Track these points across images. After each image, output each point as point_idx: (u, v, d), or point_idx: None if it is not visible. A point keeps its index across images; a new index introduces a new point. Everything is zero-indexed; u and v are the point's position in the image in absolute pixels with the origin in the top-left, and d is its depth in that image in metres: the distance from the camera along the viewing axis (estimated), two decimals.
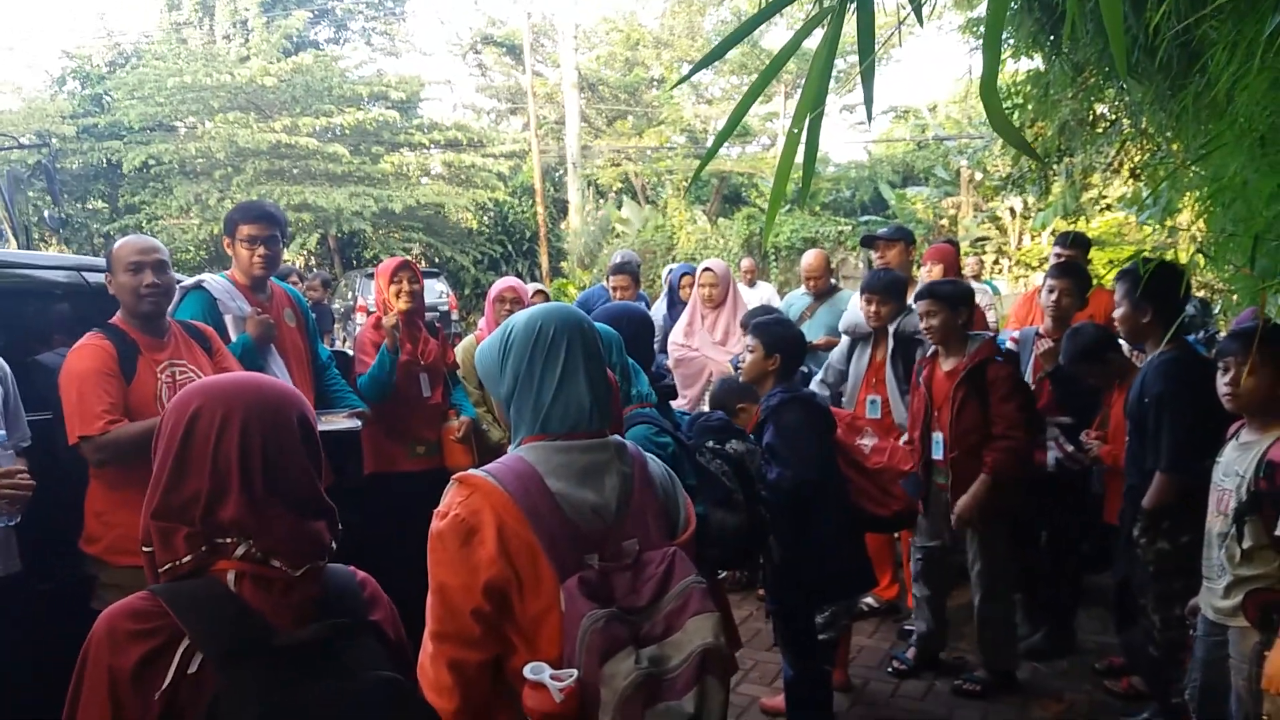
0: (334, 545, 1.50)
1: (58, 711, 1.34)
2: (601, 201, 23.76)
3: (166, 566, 1.37)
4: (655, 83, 26.16)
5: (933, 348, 4.10)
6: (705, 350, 5.37)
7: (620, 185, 25.46)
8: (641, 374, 2.82)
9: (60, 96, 21.68)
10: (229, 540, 1.37)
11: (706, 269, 5.56)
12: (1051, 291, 4.29)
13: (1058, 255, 4.99)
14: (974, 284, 7.12)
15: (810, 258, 5.71)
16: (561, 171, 24.20)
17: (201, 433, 1.40)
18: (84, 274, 3.73)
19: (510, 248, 22.77)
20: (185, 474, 1.39)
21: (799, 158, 1.11)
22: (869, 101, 0.96)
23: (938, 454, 3.97)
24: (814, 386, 4.84)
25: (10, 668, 2.78)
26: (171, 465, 1.40)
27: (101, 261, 3.78)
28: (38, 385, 3.12)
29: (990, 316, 6.08)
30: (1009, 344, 4.55)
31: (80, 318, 3.42)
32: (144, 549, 1.40)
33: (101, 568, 2.96)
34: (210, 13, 23.54)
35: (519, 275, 19.74)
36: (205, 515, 1.38)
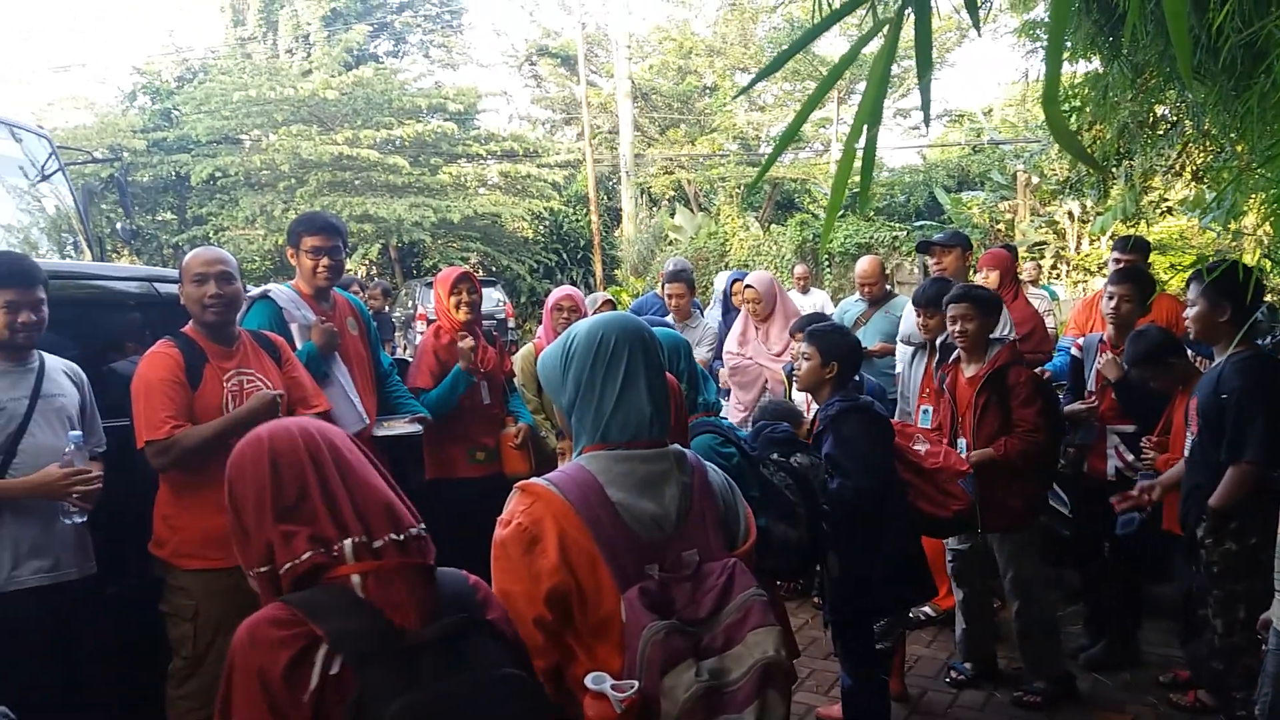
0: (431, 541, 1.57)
1: (130, 709, 1.40)
2: (654, 209, 23.82)
3: (286, 566, 1.43)
4: (708, 90, 26.15)
5: (956, 354, 4.07)
6: (759, 359, 5.34)
7: (673, 193, 25.49)
8: (711, 382, 2.84)
9: (131, 111, 22.36)
10: (337, 546, 1.45)
11: (749, 286, 5.48)
12: (1112, 298, 4.20)
13: (1117, 260, 4.89)
14: (1031, 289, 7.02)
15: (865, 264, 5.67)
16: (615, 180, 24.32)
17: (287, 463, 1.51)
18: (155, 285, 3.85)
19: (565, 256, 22.92)
20: (284, 492, 1.49)
21: (855, 164, 1.12)
22: (926, 108, 0.97)
23: None
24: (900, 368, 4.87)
25: (85, 666, 2.88)
26: (271, 492, 1.49)
27: (172, 273, 3.91)
28: (112, 393, 3.22)
29: (1049, 322, 5.97)
30: (1073, 351, 4.47)
31: (151, 327, 3.54)
32: (260, 570, 1.46)
33: (169, 570, 3.05)
34: (274, 27, 24.14)
35: (573, 283, 19.90)
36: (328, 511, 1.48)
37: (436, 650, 1.41)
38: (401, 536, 1.50)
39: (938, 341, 4.48)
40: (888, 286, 5.81)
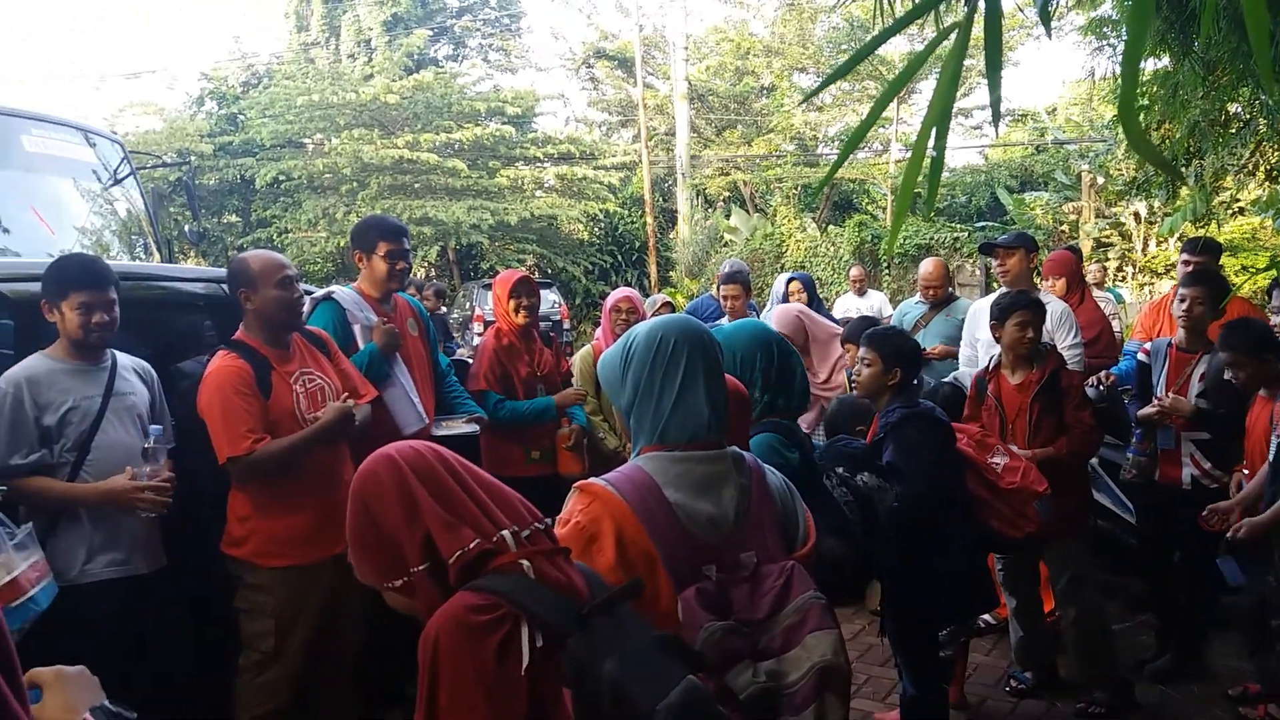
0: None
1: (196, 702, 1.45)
2: (710, 211, 23.79)
3: (456, 554, 1.49)
4: (765, 91, 26.03)
5: (995, 360, 4.02)
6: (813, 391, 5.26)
7: (728, 194, 25.42)
8: (794, 384, 2.78)
9: (199, 116, 22.92)
10: (495, 537, 1.52)
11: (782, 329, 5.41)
12: (1184, 301, 4.09)
13: (1186, 262, 4.77)
14: (1097, 292, 6.88)
15: (928, 266, 5.60)
16: (670, 182, 24.33)
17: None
18: (223, 285, 3.94)
19: (620, 258, 22.98)
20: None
21: (923, 165, 1.11)
22: (996, 108, 0.96)
23: None
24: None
25: (153, 658, 2.95)
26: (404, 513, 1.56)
27: None
28: (182, 390, 3.30)
29: (1115, 325, 5.85)
30: (1140, 356, 4.38)
31: (219, 327, 3.62)
32: (418, 568, 1.53)
33: (248, 569, 3.11)
34: (336, 33, 24.59)
35: (628, 285, 19.92)
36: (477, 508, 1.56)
37: (607, 619, 1.49)
38: (542, 526, 1.57)
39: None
40: (949, 289, 5.72)
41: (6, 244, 6.05)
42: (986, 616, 4.72)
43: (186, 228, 8.76)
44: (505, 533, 1.52)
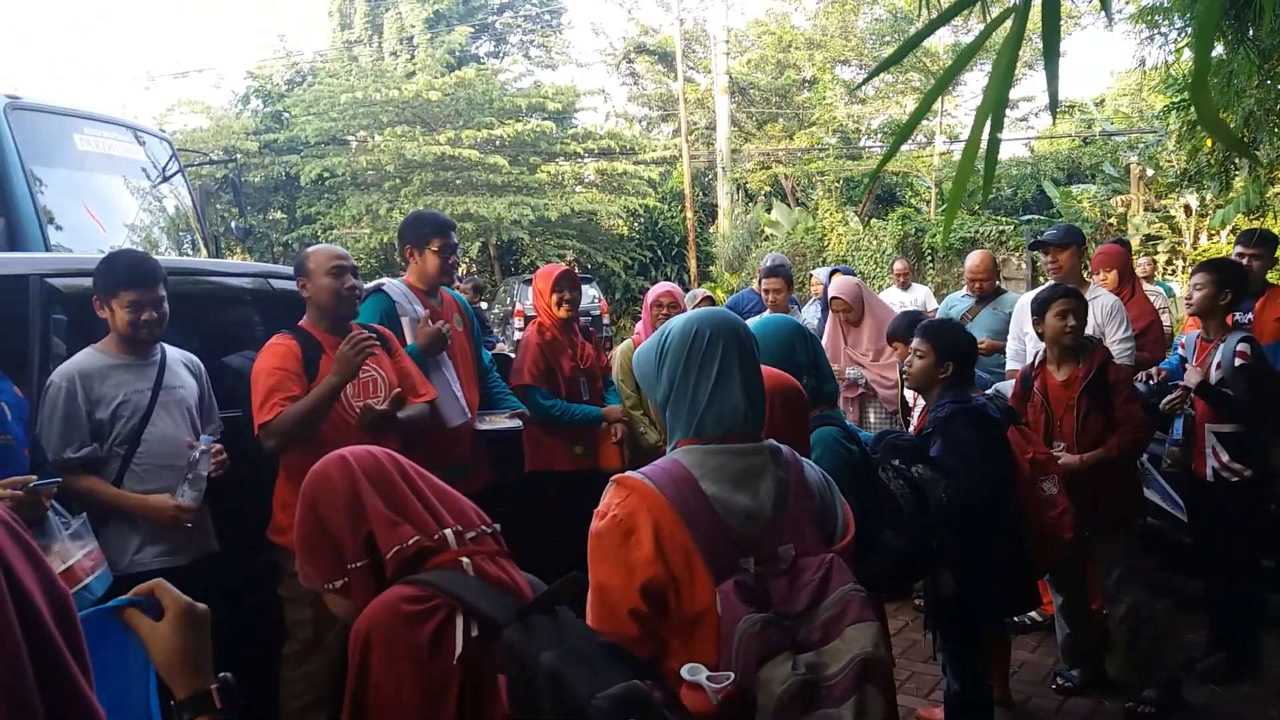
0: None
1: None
2: (750, 205, 23.67)
3: (394, 550, 1.52)
4: (807, 84, 25.86)
5: (1040, 356, 3.96)
6: (870, 370, 5.22)
7: (769, 188, 25.29)
8: (830, 370, 2.78)
9: (244, 114, 23.28)
10: (437, 535, 1.54)
11: (835, 297, 5.35)
12: (1191, 290, 4.08)
13: (1240, 255, 4.67)
14: (1148, 285, 6.75)
15: (975, 259, 5.53)
16: (711, 176, 24.24)
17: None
18: (269, 280, 4.00)
19: (659, 252, 22.98)
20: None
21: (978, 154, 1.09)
22: (1054, 97, 0.94)
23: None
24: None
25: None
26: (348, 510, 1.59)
27: (284, 269, 4.04)
28: (227, 384, 3.36)
29: (1165, 320, 5.74)
30: (1179, 350, 4.32)
31: (265, 321, 3.67)
32: (355, 565, 1.54)
33: (290, 557, 3.14)
34: (379, 31, 24.81)
35: (667, 279, 19.90)
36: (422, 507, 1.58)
37: (547, 619, 1.50)
38: (489, 530, 1.57)
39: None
40: (996, 282, 5.65)
41: (59, 240, 6.19)
42: (1033, 613, 4.66)
43: (233, 224, 8.92)
44: (448, 531, 1.55)
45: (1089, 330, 4.10)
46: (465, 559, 1.53)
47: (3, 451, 2.68)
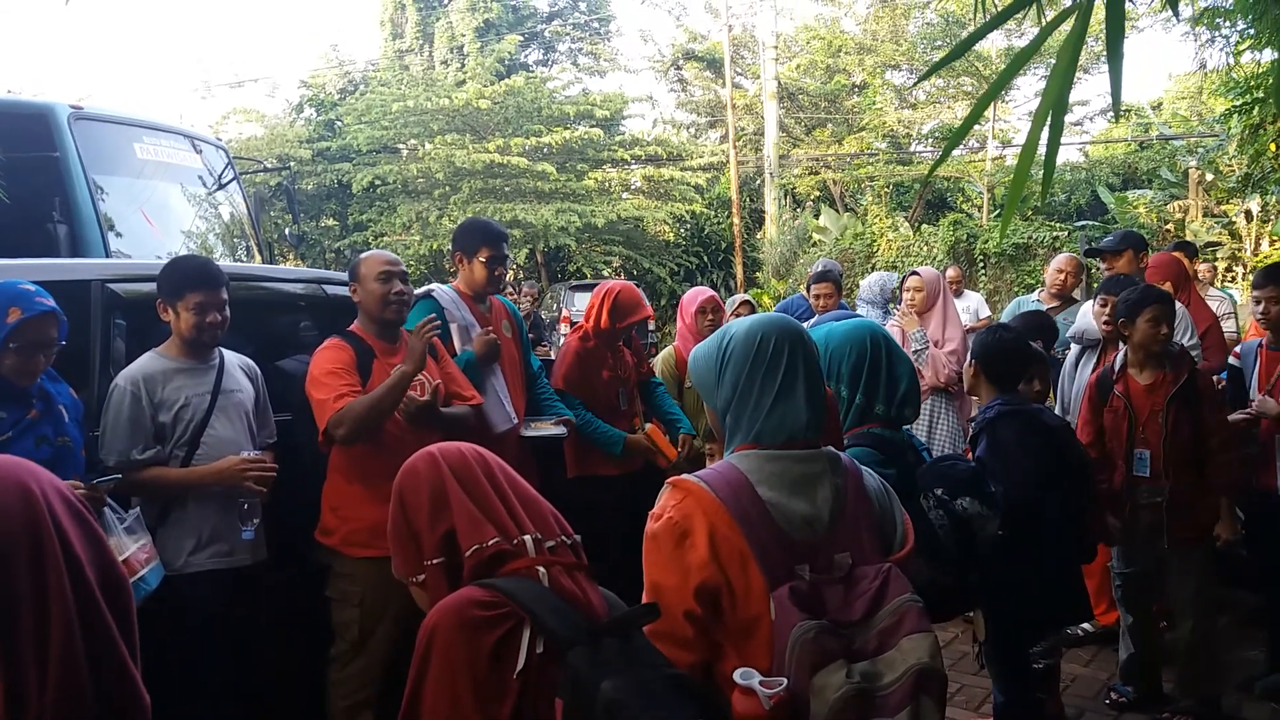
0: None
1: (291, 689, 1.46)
2: (798, 210, 23.52)
3: (472, 549, 1.51)
4: (856, 89, 25.64)
5: (1121, 360, 3.88)
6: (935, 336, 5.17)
7: (818, 194, 25.12)
8: (896, 391, 2.58)
9: (298, 123, 23.63)
10: (517, 540, 1.53)
11: (913, 272, 5.40)
12: (1259, 302, 3.93)
13: None
14: (1212, 290, 6.60)
15: (1063, 258, 5.56)
16: (759, 182, 24.14)
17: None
18: (323, 286, 4.05)
19: (705, 259, 22.92)
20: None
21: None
22: (1117, 96, 0.92)
23: (1143, 471, 3.75)
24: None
25: (250, 648, 3.05)
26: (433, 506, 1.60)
27: (337, 275, 4.10)
28: (280, 388, 3.41)
29: (1228, 326, 5.60)
30: (1231, 359, 4.21)
31: (319, 325, 3.73)
32: (433, 561, 1.53)
33: (337, 558, 3.20)
34: (430, 40, 25.08)
35: (713, 286, 19.85)
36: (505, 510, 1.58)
37: (618, 643, 1.48)
38: (570, 541, 1.55)
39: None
40: (1078, 284, 5.58)
41: (119, 246, 6.34)
42: (1085, 625, 4.57)
43: (286, 230, 9.07)
44: (527, 538, 1.53)
45: None
46: (541, 568, 1.51)
47: (61, 452, 2.76)
